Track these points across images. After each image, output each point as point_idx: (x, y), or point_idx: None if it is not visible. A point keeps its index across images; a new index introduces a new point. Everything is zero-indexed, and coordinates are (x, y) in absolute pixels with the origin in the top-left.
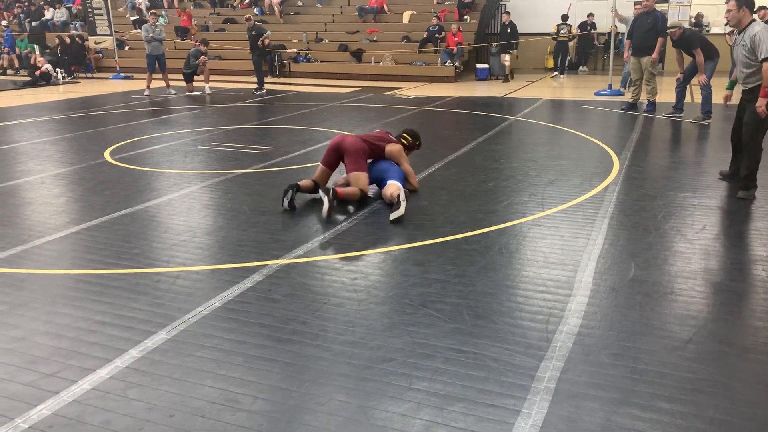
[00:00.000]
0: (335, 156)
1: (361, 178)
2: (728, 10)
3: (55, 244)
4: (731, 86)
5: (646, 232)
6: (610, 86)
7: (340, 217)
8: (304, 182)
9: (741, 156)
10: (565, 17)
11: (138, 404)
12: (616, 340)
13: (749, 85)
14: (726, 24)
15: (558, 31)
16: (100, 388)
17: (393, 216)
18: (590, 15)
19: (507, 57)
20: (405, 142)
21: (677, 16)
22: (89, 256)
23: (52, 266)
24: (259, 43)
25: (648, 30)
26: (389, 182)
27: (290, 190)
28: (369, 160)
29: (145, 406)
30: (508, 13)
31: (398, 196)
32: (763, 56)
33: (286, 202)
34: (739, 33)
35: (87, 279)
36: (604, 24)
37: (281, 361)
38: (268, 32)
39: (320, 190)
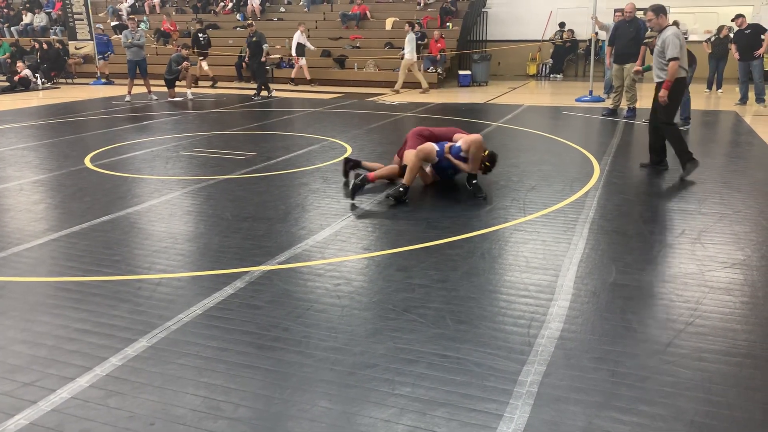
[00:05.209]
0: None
1: (408, 155)
2: (649, 19)
3: (33, 252)
4: (647, 68)
5: (627, 236)
6: (590, 93)
7: (323, 223)
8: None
9: (658, 145)
10: (562, 24)
11: (118, 413)
12: (597, 344)
13: (659, 79)
14: (651, 30)
15: (554, 37)
16: (79, 397)
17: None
18: (569, 31)
19: (205, 64)
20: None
21: None
22: (69, 264)
23: (30, 274)
24: (264, 57)
25: (631, 38)
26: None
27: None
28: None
29: (125, 415)
30: (200, 21)
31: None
32: (669, 56)
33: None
34: (659, 34)
35: (66, 286)
36: (584, 32)
37: (263, 368)
38: (266, 45)
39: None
